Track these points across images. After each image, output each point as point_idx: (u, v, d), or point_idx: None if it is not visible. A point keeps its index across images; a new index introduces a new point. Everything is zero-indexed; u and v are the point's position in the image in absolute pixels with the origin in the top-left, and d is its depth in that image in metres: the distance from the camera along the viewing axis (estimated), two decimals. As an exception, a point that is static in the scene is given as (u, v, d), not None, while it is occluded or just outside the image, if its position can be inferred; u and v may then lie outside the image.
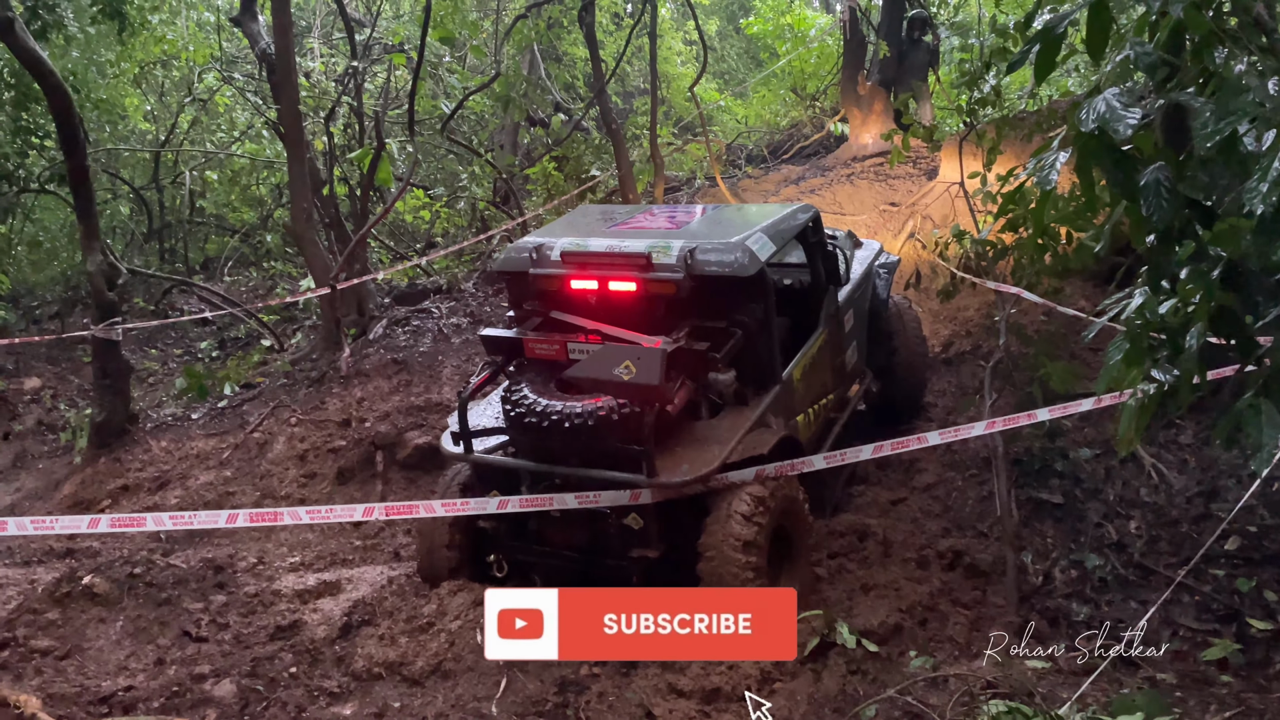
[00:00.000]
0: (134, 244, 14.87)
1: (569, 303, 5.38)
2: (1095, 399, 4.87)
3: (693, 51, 18.08)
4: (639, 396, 4.72)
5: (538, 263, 5.40)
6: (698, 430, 5.09)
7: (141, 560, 5.92)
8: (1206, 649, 4.66)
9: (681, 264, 5.02)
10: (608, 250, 5.24)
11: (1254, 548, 5.19)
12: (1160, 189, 2.64)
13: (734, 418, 5.15)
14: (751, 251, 5.08)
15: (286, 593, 5.67)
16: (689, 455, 4.87)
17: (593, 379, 4.73)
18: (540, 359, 5.20)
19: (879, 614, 4.97)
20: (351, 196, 11.81)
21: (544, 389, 5.06)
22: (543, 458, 5.06)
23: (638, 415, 4.76)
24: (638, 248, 5.16)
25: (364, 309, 10.03)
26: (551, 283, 5.35)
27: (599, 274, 5.20)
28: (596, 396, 4.83)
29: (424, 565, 5.63)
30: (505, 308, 10.04)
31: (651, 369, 4.57)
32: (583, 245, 5.33)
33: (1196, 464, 5.88)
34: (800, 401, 5.70)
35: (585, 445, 4.87)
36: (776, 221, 5.56)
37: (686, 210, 6.25)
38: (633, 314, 5.17)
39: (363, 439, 7.60)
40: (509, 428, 5.16)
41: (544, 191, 12.51)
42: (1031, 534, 5.73)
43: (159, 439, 8.17)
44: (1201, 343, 2.80)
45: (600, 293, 5.24)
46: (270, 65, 9.60)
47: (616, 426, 4.78)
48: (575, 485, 4.95)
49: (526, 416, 4.93)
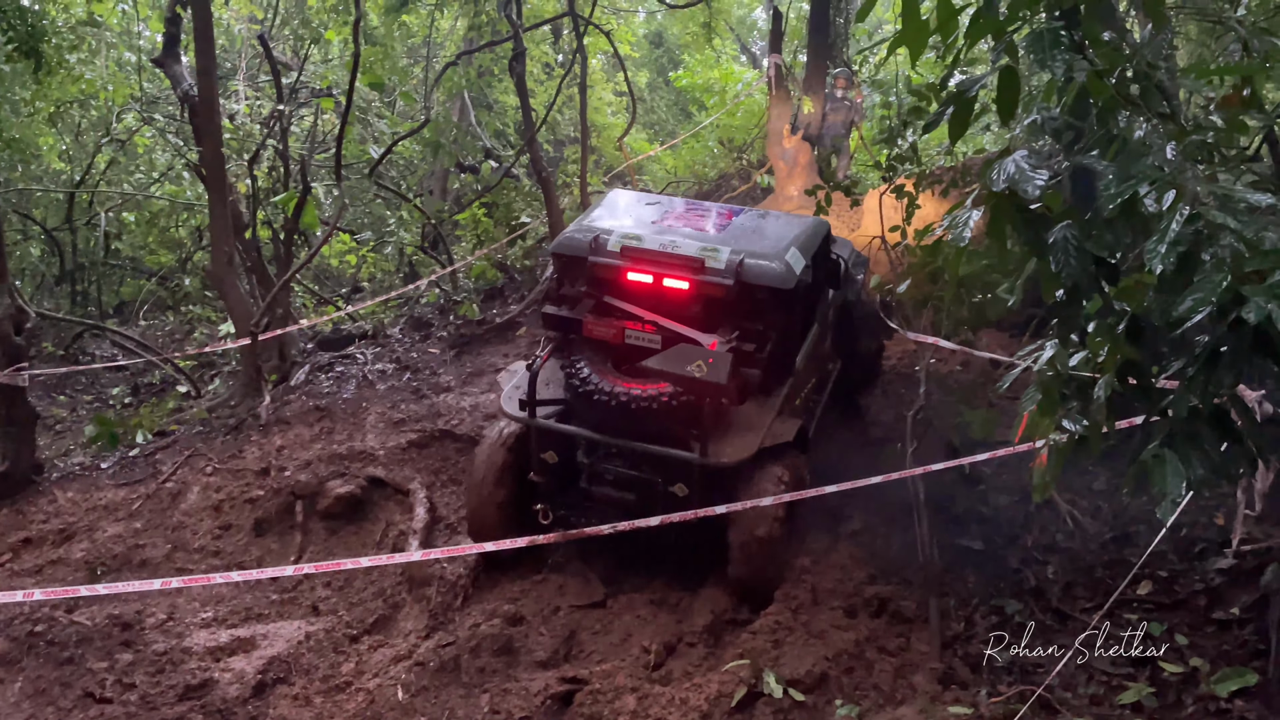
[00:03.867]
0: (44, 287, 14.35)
1: (623, 291, 5.95)
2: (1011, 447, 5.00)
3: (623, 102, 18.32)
4: (707, 390, 5.39)
5: (596, 251, 5.97)
6: (732, 416, 5.76)
7: (43, 617, 5.64)
8: (1122, 693, 4.76)
9: (731, 271, 5.69)
10: (662, 249, 5.86)
11: (1164, 592, 5.34)
12: (1068, 246, 2.75)
13: (761, 406, 5.85)
14: (790, 266, 5.77)
15: (197, 650, 5.45)
16: (731, 438, 5.64)
17: (668, 371, 5.42)
18: (596, 339, 5.85)
19: (806, 662, 4.98)
20: (275, 240, 11.61)
21: (603, 369, 5.75)
22: (602, 429, 5.76)
23: (695, 403, 5.48)
24: (691, 250, 5.82)
25: (286, 354, 9.82)
26: (608, 271, 5.93)
27: (654, 270, 5.81)
28: (659, 383, 5.52)
29: (473, 518, 6.25)
30: (432, 353, 9.97)
31: (721, 369, 5.32)
32: (640, 241, 5.93)
33: (1109, 510, 6.05)
34: (801, 388, 6.33)
35: (645, 423, 5.59)
36: (806, 237, 6.23)
37: (718, 210, 6.72)
38: (681, 308, 5.81)
39: (282, 488, 7.39)
40: (574, 401, 5.85)
41: (473, 237, 12.47)
42: (954, 579, 5.82)
43: (65, 489, 7.83)
44: (1109, 393, 2.90)
45: (654, 286, 5.83)
46: (193, 107, 9.44)
47: (675, 411, 5.52)
48: (632, 456, 5.74)
49: (595, 394, 5.61)
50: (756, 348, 5.75)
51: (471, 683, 5.14)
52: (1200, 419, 2.75)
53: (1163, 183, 2.61)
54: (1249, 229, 2.48)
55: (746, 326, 5.79)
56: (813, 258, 6.27)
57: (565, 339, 6.06)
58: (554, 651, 5.54)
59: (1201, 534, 5.51)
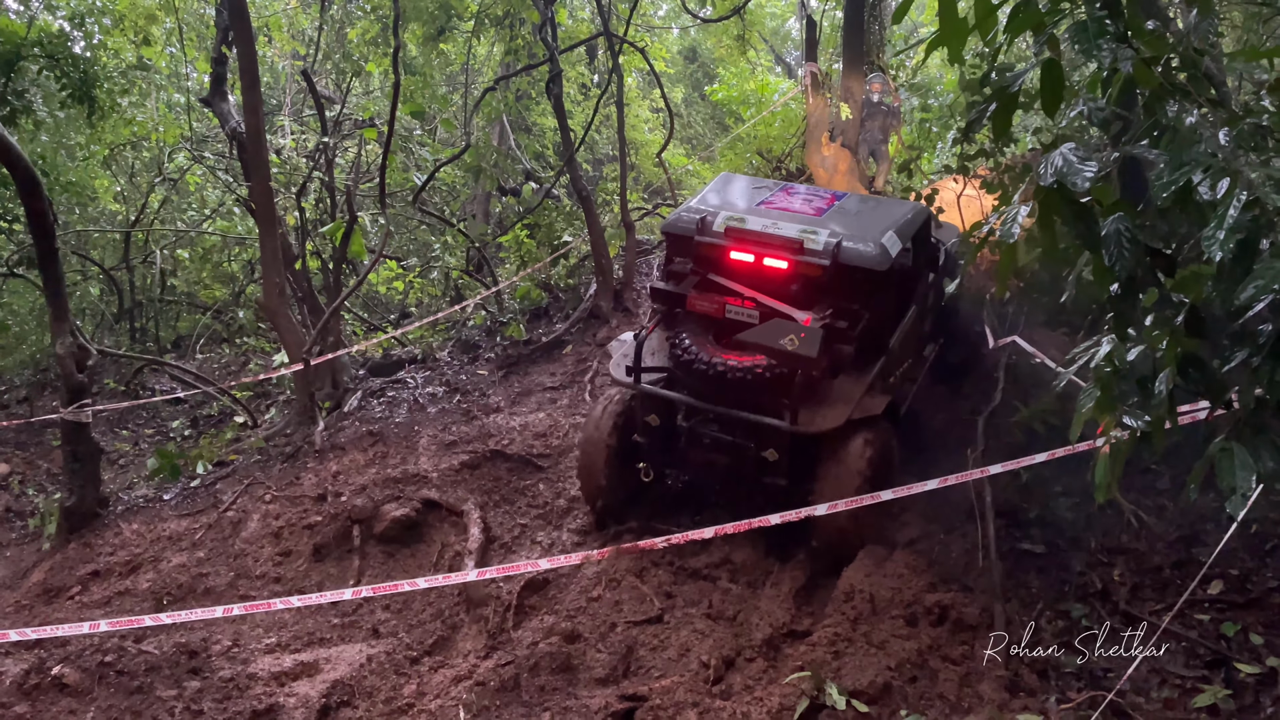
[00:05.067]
0: (104, 324, 14.73)
1: (725, 269, 6.35)
2: (1075, 445, 4.90)
3: (659, 119, 18.40)
4: (798, 363, 5.79)
5: (702, 230, 6.43)
6: (824, 389, 6.06)
7: (113, 648, 5.76)
8: (1196, 695, 4.63)
9: (828, 252, 6.03)
10: (764, 230, 6.26)
11: (1237, 590, 5.19)
12: (1121, 239, 2.70)
13: (853, 380, 6.13)
14: (886, 249, 6.08)
15: (263, 675, 5.53)
16: (820, 409, 5.96)
17: (763, 344, 5.88)
18: (699, 313, 6.28)
19: (868, 673, 4.90)
20: (324, 270, 11.82)
21: (704, 341, 6.18)
22: (703, 396, 6.16)
23: (789, 375, 5.86)
24: (791, 233, 6.19)
25: (338, 381, 9.98)
26: (713, 250, 6.38)
27: (756, 250, 6.23)
28: (756, 355, 5.92)
29: (584, 475, 6.89)
30: (481, 374, 10.06)
31: (813, 343, 5.77)
32: (743, 223, 6.33)
33: (1175, 509, 5.89)
34: (895, 367, 6.56)
35: (741, 392, 5.98)
36: (905, 221, 6.55)
37: (821, 195, 7.03)
38: (780, 286, 6.17)
39: (339, 513, 7.48)
40: (677, 369, 6.28)
41: (517, 258, 12.57)
42: (1016, 585, 5.70)
43: (130, 522, 8.01)
44: (1171, 388, 2.83)
45: (755, 265, 6.23)
46: (241, 143, 9.66)
47: (769, 382, 5.91)
48: (727, 421, 6.12)
49: (696, 364, 6.05)
50: (850, 325, 6.06)
51: (532, 701, 5.15)
52: (1267, 410, 2.68)
53: (1216, 169, 2.55)
54: (1309, 212, 2.41)
55: (841, 305, 6.09)
56: (911, 242, 6.53)
57: (670, 312, 6.58)
58: (612, 668, 5.52)
59: (1273, 530, 5.35)
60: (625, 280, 11.33)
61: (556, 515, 7.42)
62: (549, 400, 9.17)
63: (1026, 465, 5.53)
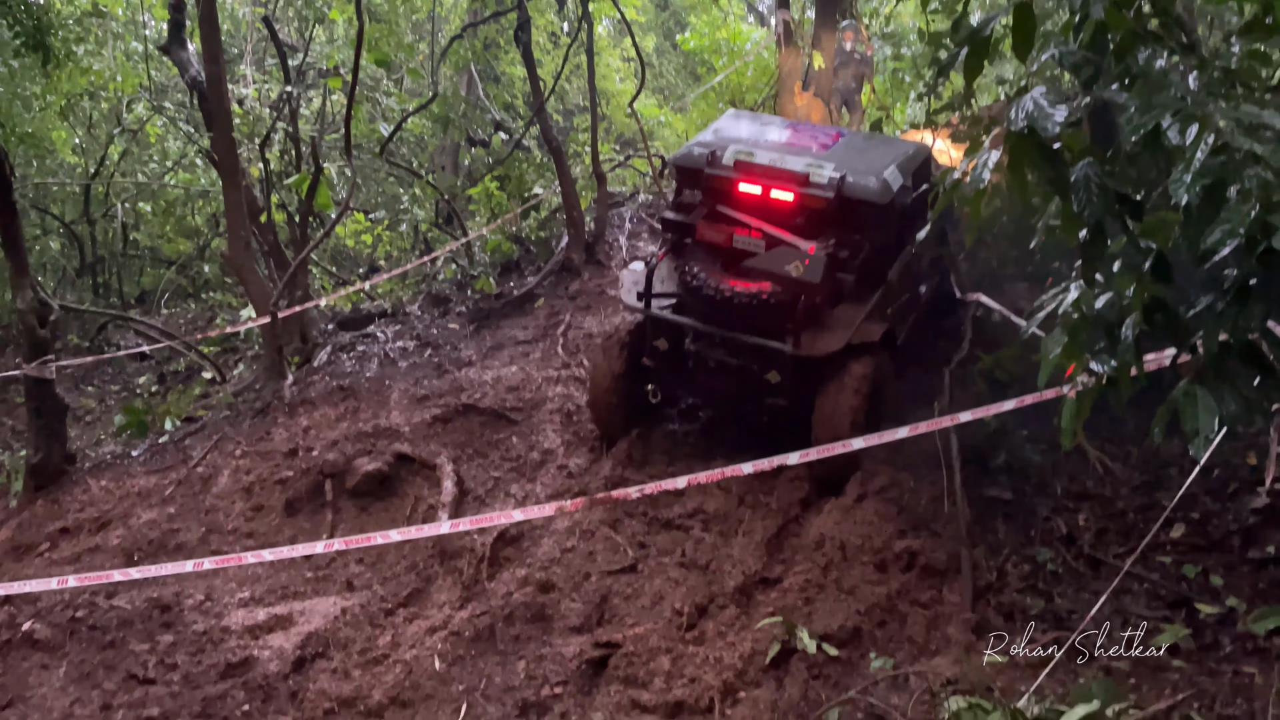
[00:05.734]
0: (66, 280, 14.49)
1: (734, 200, 6.60)
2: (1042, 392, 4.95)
3: (631, 68, 18.15)
4: (801, 289, 6.11)
5: (712, 164, 6.68)
6: (826, 316, 6.35)
7: (84, 603, 5.73)
8: (1158, 635, 4.74)
9: (832, 186, 6.30)
10: (771, 164, 6.54)
11: (1198, 534, 5.31)
12: (1090, 184, 2.70)
13: (853, 308, 6.41)
14: (888, 183, 6.39)
15: (236, 629, 5.53)
16: (821, 335, 6.27)
17: (769, 270, 6.23)
18: (707, 243, 6.57)
19: (838, 618, 4.99)
20: (290, 223, 11.63)
21: (712, 269, 6.40)
22: (710, 321, 6.46)
23: (793, 300, 6.12)
24: (797, 166, 6.47)
25: (307, 336, 9.87)
26: (722, 183, 6.65)
27: (763, 182, 6.50)
28: (762, 282, 6.20)
29: (594, 398, 7.23)
30: (452, 329, 10.00)
31: (816, 270, 6.14)
32: (752, 157, 6.61)
33: (1140, 455, 6.00)
34: (893, 298, 6.79)
35: (746, 318, 6.25)
36: (906, 158, 6.85)
37: (825, 132, 7.36)
38: (785, 217, 6.44)
39: (311, 468, 7.44)
40: (686, 295, 6.57)
41: (487, 210, 12.45)
42: (984, 531, 5.80)
43: (99, 478, 7.92)
44: (1137, 334, 2.86)
45: (762, 197, 6.50)
46: (201, 93, 9.43)
47: (774, 308, 6.17)
48: (733, 345, 6.43)
49: (704, 289, 6.29)
50: (851, 255, 6.35)
51: (507, 650, 5.19)
52: (1231, 354, 2.71)
53: (1186, 114, 2.55)
54: (1276, 156, 2.42)
55: (844, 236, 6.38)
56: (912, 179, 6.80)
57: (680, 242, 6.77)
58: (586, 617, 5.57)
59: (1234, 474, 5.46)
60: (597, 233, 11.25)
61: (530, 468, 7.42)
62: (521, 354, 9.13)
63: (995, 413, 5.58)
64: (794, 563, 5.82)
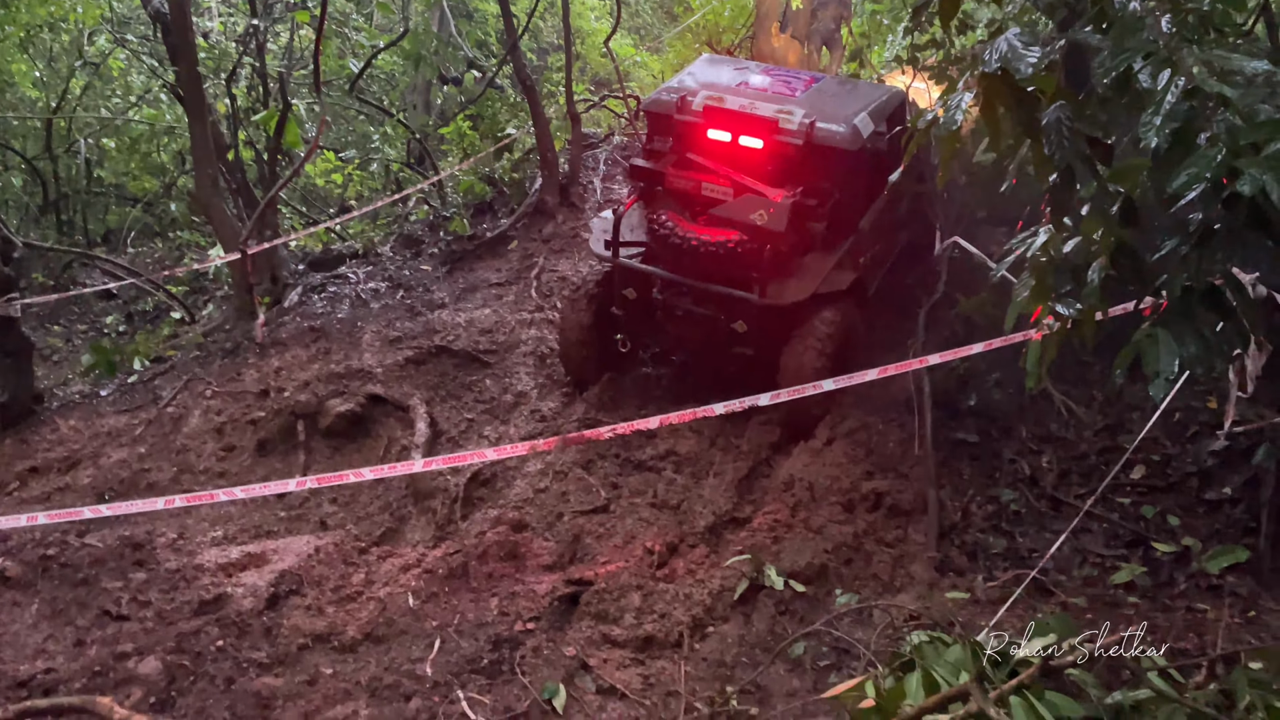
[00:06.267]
0: (29, 217, 14.17)
1: (703, 147, 6.52)
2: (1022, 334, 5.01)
3: (606, 6, 17.82)
4: (766, 237, 6.06)
5: (681, 109, 6.57)
6: (794, 265, 6.30)
7: (55, 541, 5.72)
8: (1115, 573, 4.88)
9: (802, 132, 6.21)
10: (741, 110, 6.42)
11: (1158, 475, 5.44)
12: (1061, 127, 2.70)
13: (821, 258, 6.37)
14: (858, 130, 6.28)
15: (209, 567, 5.55)
16: (788, 284, 6.22)
17: (734, 218, 6.18)
18: (677, 191, 6.50)
19: (805, 556, 5.09)
20: (259, 161, 11.42)
21: (680, 217, 6.36)
22: (678, 270, 6.42)
23: (759, 249, 6.07)
24: (767, 112, 6.34)
25: (277, 276, 9.76)
26: (692, 129, 6.55)
27: (733, 129, 6.40)
28: (729, 231, 6.15)
29: (564, 347, 7.20)
30: (424, 270, 9.92)
31: (780, 219, 6.07)
32: (722, 102, 6.48)
33: (1104, 400, 6.11)
34: (865, 247, 6.77)
35: (714, 267, 6.21)
36: (879, 104, 6.74)
37: (800, 77, 7.22)
38: (755, 164, 6.38)
39: (282, 409, 7.42)
40: (654, 244, 6.52)
41: (459, 151, 12.27)
42: (949, 473, 5.91)
43: (67, 418, 7.86)
44: (1103, 277, 2.89)
45: (732, 144, 6.42)
46: (165, 26, 9.17)
47: (742, 256, 6.13)
48: (700, 294, 6.40)
49: (671, 238, 6.26)
50: (819, 204, 6.31)
51: (480, 587, 5.26)
52: (1193, 297, 2.75)
53: (1158, 58, 2.55)
54: (1245, 100, 2.43)
55: (813, 184, 6.30)
56: (886, 125, 6.73)
57: (650, 190, 6.72)
58: (559, 556, 5.65)
59: (1194, 418, 5.58)
60: (571, 174, 11.13)
61: (503, 410, 7.44)
62: (494, 297, 9.09)
63: (964, 356, 5.65)
64: (763, 503, 5.91)
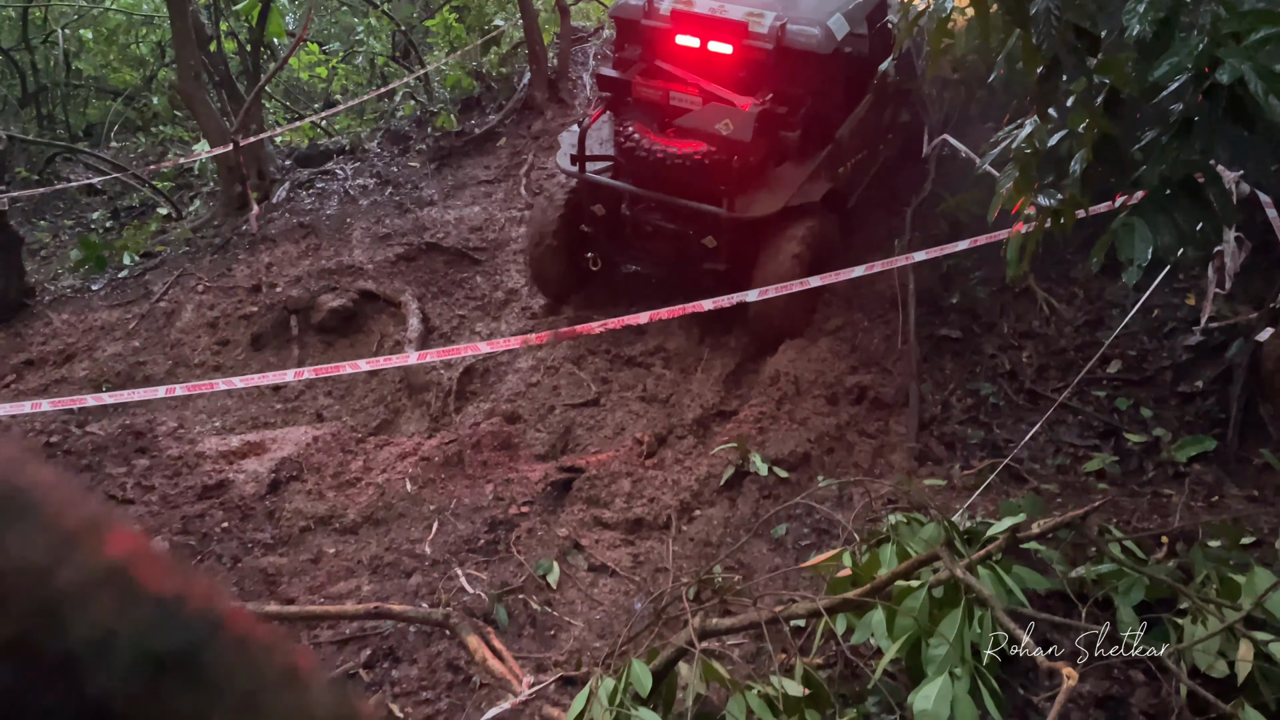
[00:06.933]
0: (9, 110, 13.91)
1: (672, 54, 6.27)
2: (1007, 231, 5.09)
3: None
4: (733, 148, 5.82)
5: (648, 14, 6.30)
6: (766, 176, 6.13)
7: (57, 429, 5.85)
8: (1087, 462, 5.07)
9: (773, 36, 5.92)
10: (710, 13, 6.09)
11: (1133, 369, 5.59)
12: (1050, 16, 2.74)
13: (795, 168, 6.18)
14: (831, 32, 5.96)
15: (210, 454, 5.70)
16: (759, 196, 6.03)
17: (698, 129, 5.87)
18: (644, 101, 6.22)
19: (789, 445, 5.26)
20: (241, 53, 11.20)
21: (648, 129, 6.14)
22: (644, 184, 6.22)
23: (726, 161, 5.86)
24: (737, 15, 6.02)
25: (264, 172, 9.68)
26: (660, 35, 6.27)
27: (702, 33, 6.11)
28: (695, 142, 5.90)
29: (533, 264, 7.01)
30: (413, 166, 9.86)
31: (746, 127, 5.77)
32: (690, 6, 6.15)
33: (1085, 296, 6.22)
34: (845, 156, 6.55)
35: (682, 180, 6.02)
36: (855, 5, 6.34)
37: None
38: (725, 71, 6.13)
39: (275, 304, 7.49)
40: (620, 157, 6.36)
41: (445, 44, 12.03)
42: (931, 368, 6.05)
43: (60, 312, 7.91)
44: (1085, 167, 2.96)
45: (700, 50, 6.15)
46: (141, -92, 8.89)
47: (708, 169, 5.93)
48: (669, 209, 6.21)
49: (637, 151, 6.08)
50: (791, 111, 6.05)
51: (475, 474, 5.43)
52: (1170, 187, 2.83)
53: (1147, -55, 2.58)
54: (1229, -10, 2.48)
55: (785, 91, 6.05)
56: (866, 26, 6.38)
57: (617, 100, 6.44)
58: (552, 446, 5.82)
59: (1173, 314, 5.71)
60: (560, 69, 10.97)
61: (494, 307, 7.53)
62: (483, 194, 9.07)
63: (949, 254, 5.74)
64: (749, 397, 6.06)
